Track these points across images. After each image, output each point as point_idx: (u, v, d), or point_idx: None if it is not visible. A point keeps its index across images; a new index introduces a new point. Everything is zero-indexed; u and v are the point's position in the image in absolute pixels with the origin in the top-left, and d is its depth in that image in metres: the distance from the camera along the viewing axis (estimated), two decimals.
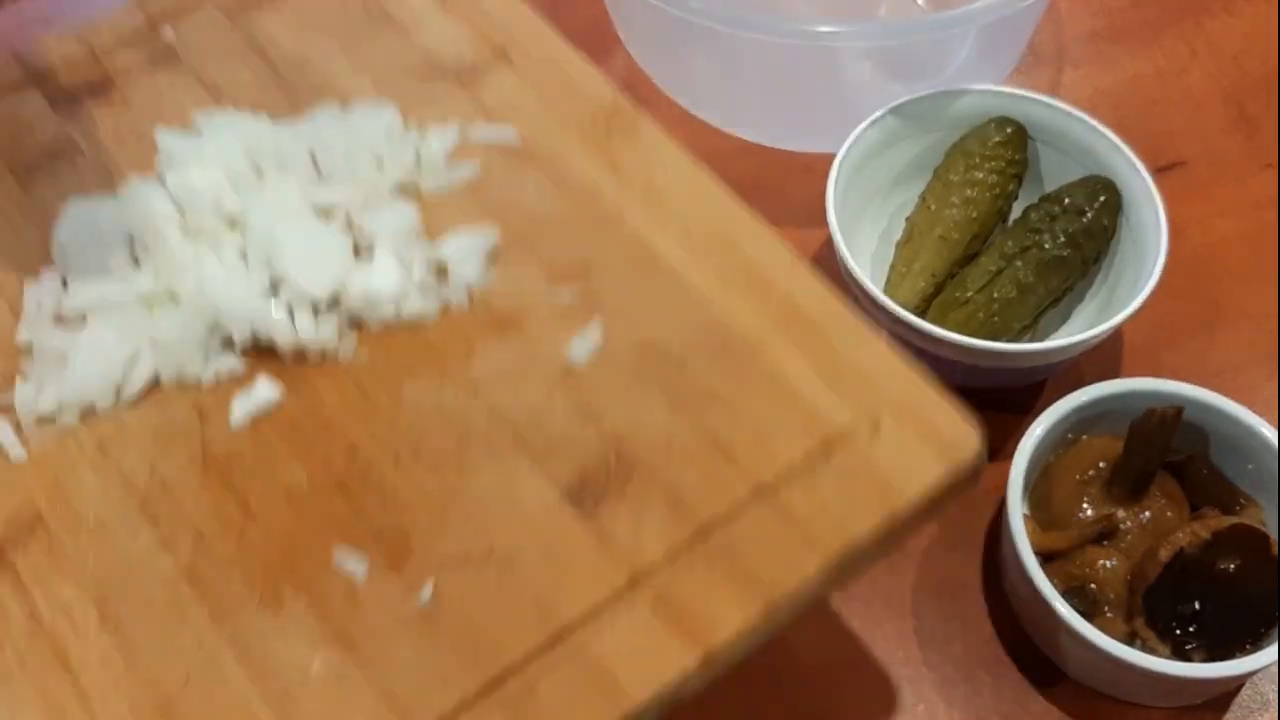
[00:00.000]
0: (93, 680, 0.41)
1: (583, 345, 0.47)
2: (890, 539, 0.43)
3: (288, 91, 0.55)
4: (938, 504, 0.43)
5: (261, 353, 0.48)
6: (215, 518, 0.44)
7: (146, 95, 0.56)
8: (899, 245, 0.66)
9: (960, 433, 0.44)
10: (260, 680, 0.40)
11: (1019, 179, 0.66)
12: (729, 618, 0.41)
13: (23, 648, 0.41)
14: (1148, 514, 0.57)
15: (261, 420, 0.46)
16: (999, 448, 0.59)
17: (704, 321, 0.47)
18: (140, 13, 0.59)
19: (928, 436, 0.44)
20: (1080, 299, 0.66)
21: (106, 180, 0.52)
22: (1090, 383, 0.58)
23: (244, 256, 0.48)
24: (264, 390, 0.46)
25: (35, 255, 0.51)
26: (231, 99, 0.55)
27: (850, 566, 0.42)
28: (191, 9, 0.59)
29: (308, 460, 0.45)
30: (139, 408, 0.47)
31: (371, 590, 0.42)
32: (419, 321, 0.48)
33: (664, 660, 0.40)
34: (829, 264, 0.62)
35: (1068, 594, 0.54)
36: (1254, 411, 0.57)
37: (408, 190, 0.52)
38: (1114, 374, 0.59)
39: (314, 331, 0.47)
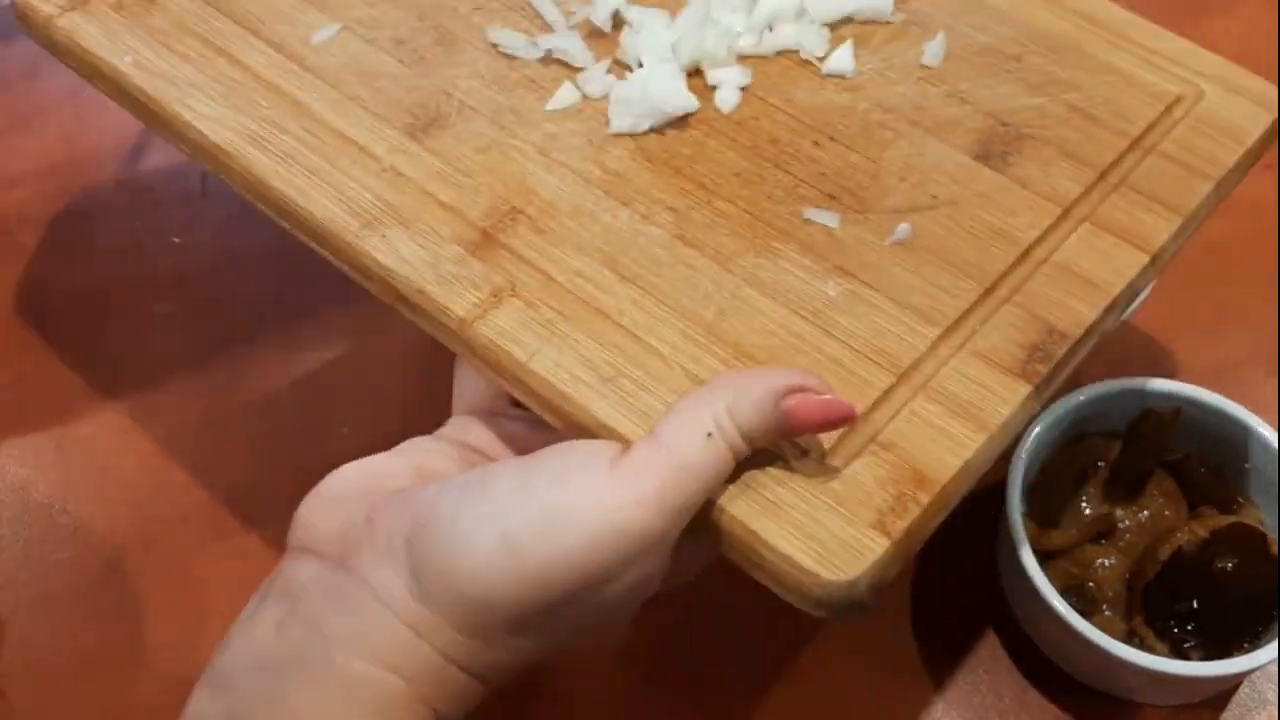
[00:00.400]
0: (634, 320, 0.44)
1: (934, 49, 0.53)
2: (1242, 174, 0.51)
3: None
4: (1265, 146, 0.52)
5: None
6: (681, 196, 0.48)
7: None
8: None
9: (1264, 88, 0.53)
10: (789, 305, 0.45)
11: None
12: (1158, 229, 0.48)
13: (555, 304, 0.44)
14: (1146, 513, 0.57)
15: (680, 124, 0.50)
16: None
17: (1022, 29, 0.55)
18: None
19: (1241, 93, 0.53)
20: None
21: None
22: (1089, 382, 0.58)
23: None
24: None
25: None
26: None
27: (1227, 189, 0.50)
28: None
29: (738, 149, 0.49)
30: (555, 119, 0.50)
31: (849, 235, 0.47)
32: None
33: (1122, 261, 0.47)
34: None
35: (1066, 592, 0.54)
36: (1254, 411, 0.57)
37: None
38: (1113, 374, 0.59)
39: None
